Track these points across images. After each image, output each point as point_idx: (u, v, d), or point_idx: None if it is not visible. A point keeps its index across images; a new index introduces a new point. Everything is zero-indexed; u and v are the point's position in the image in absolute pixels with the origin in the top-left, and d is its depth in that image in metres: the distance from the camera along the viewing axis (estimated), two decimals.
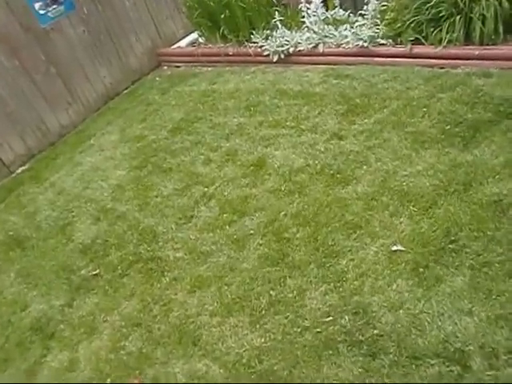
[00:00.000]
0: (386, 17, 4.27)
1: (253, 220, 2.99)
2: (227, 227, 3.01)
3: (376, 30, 4.26)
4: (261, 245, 2.79)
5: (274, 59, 4.78)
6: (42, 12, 4.85)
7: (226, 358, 2.28)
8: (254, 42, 4.97)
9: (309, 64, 4.63)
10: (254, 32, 4.99)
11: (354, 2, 4.80)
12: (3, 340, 2.82)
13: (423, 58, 4.00)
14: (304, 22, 4.69)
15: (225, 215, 3.11)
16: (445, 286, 2.21)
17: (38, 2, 4.80)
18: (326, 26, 4.57)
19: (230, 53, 5.20)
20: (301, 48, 4.64)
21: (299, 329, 2.27)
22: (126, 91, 5.68)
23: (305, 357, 2.15)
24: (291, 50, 4.68)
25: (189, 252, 2.94)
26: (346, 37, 4.37)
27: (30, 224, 3.78)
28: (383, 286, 2.31)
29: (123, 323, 2.64)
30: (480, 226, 2.42)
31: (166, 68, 5.95)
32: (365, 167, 3.09)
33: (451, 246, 2.37)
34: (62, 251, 3.36)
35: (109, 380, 2.39)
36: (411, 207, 2.67)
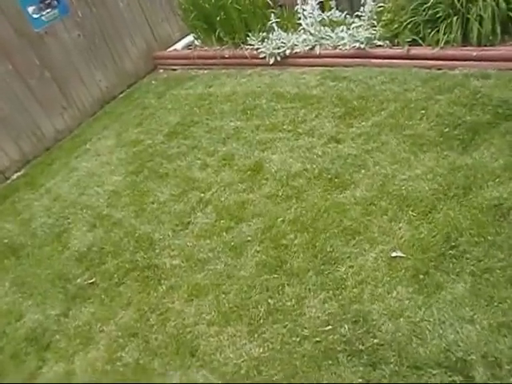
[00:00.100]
0: (383, 18, 4.24)
1: (250, 226, 2.95)
2: (224, 234, 2.97)
3: (373, 32, 4.23)
4: (258, 252, 2.75)
5: (271, 62, 4.75)
6: (35, 16, 4.80)
7: (224, 369, 2.24)
8: (250, 45, 4.94)
9: (305, 66, 4.60)
10: (250, 34, 4.95)
11: (351, 3, 4.77)
12: None
13: (420, 59, 3.96)
14: (300, 24, 4.65)
15: (222, 221, 3.07)
16: (445, 293, 2.17)
17: (32, 6, 4.75)
18: (322, 28, 4.54)
19: (226, 55, 5.17)
20: (297, 50, 4.60)
21: (298, 338, 2.23)
22: (121, 95, 5.64)
23: (304, 367, 2.11)
24: (287, 52, 4.65)
25: (186, 259, 2.91)
26: (342, 38, 4.33)
27: (26, 231, 3.74)
28: (383, 294, 2.27)
29: (120, 333, 2.60)
30: (480, 230, 2.38)
31: (162, 71, 5.91)
32: (363, 171, 3.05)
33: (451, 252, 2.33)
34: (58, 259, 3.31)
35: None
36: (410, 212, 2.63)
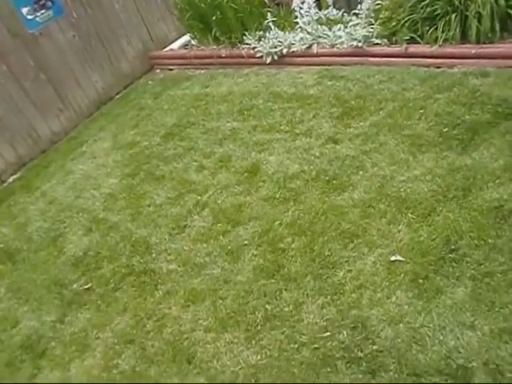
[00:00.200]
0: (381, 16, 4.18)
1: (247, 230, 2.91)
2: (221, 237, 2.93)
3: (370, 30, 4.18)
4: (255, 256, 2.71)
5: (268, 61, 4.70)
6: (29, 17, 4.75)
7: (221, 377, 2.20)
8: (247, 44, 4.89)
9: (303, 65, 4.55)
10: (246, 33, 4.90)
11: (348, 1, 4.71)
12: None
13: (419, 57, 3.92)
14: (297, 23, 4.60)
15: (218, 225, 3.03)
16: (445, 298, 2.14)
17: (26, 7, 4.71)
18: (319, 26, 4.48)
19: (223, 55, 5.12)
20: (294, 49, 4.55)
21: (296, 345, 2.19)
22: (118, 96, 5.59)
23: (302, 375, 2.08)
24: (284, 51, 4.59)
25: (182, 264, 2.87)
26: (339, 37, 4.28)
27: (21, 236, 3.70)
28: (382, 299, 2.23)
29: (116, 340, 2.56)
30: (480, 233, 2.34)
31: (158, 71, 5.86)
32: (361, 172, 3.01)
33: (451, 256, 2.29)
34: (54, 264, 3.28)
35: None
36: (409, 214, 2.59)
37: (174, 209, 3.34)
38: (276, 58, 4.67)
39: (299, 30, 4.60)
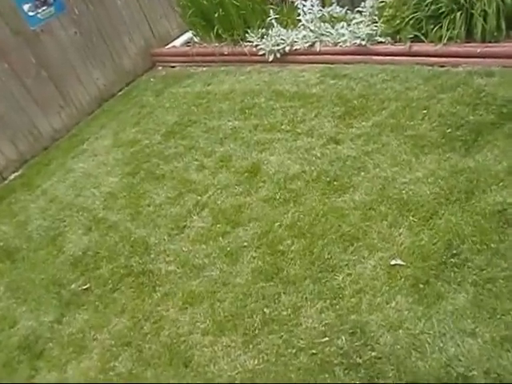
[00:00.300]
0: (385, 13, 4.12)
1: (246, 231, 2.88)
2: (220, 239, 2.90)
3: (374, 28, 4.12)
4: (254, 258, 2.68)
5: (270, 59, 4.65)
6: (31, 14, 4.72)
7: (218, 381, 2.18)
8: (250, 41, 4.84)
9: (305, 63, 4.50)
10: (248, 31, 4.85)
11: None
12: None
13: (423, 56, 3.86)
14: (300, 20, 4.55)
15: (218, 226, 3.00)
16: (446, 304, 2.10)
17: (27, 3, 4.67)
18: (322, 24, 4.43)
19: (225, 52, 5.07)
20: (297, 47, 4.50)
21: (294, 350, 2.17)
22: (120, 93, 5.55)
23: (299, 380, 2.05)
24: (287, 48, 4.54)
25: (181, 265, 2.84)
26: (343, 35, 4.23)
27: (21, 234, 3.69)
28: (382, 304, 2.20)
29: (113, 342, 2.55)
30: (483, 238, 2.30)
31: (160, 68, 5.82)
32: (362, 174, 2.97)
33: (453, 260, 2.25)
34: (53, 263, 3.26)
35: None
36: (411, 217, 2.55)
37: (174, 209, 3.31)
38: (278, 55, 4.62)
39: (302, 27, 4.54)
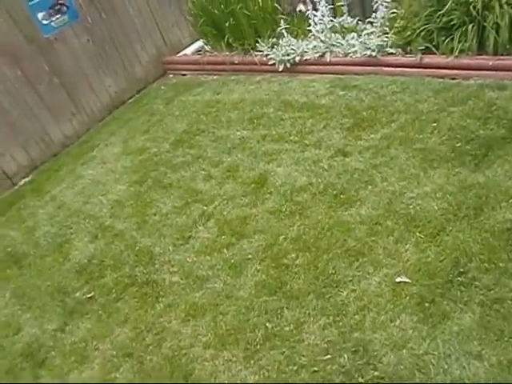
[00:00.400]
0: (396, 25, 4.10)
1: (251, 243, 2.86)
2: (225, 250, 2.89)
3: (385, 39, 4.10)
4: (258, 271, 2.66)
5: (280, 68, 4.65)
6: (45, 22, 4.78)
7: None
8: (260, 51, 4.85)
9: (315, 73, 4.49)
10: (259, 40, 4.86)
11: (363, 9, 4.64)
12: None
13: (434, 68, 3.82)
14: (310, 31, 4.54)
15: (223, 237, 2.99)
16: (452, 324, 2.05)
17: (41, 12, 4.73)
18: (333, 35, 4.42)
19: (236, 61, 5.09)
20: (307, 57, 4.49)
21: (295, 366, 2.13)
22: (130, 100, 5.60)
23: None
24: (297, 58, 4.54)
25: (185, 276, 2.83)
26: (353, 46, 4.21)
27: (29, 240, 3.72)
28: (386, 322, 2.16)
29: (115, 352, 2.54)
30: (491, 256, 2.25)
31: (171, 76, 5.85)
32: (370, 187, 2.93)
33: (460, 279, 2.20)
34: (58, 271, 3.27)
35: None
36: (417, 233, 2.51)
37: (180, 218, 3.30)
38: (289, 65, 4.62)
39: (312, 37, 4.54)
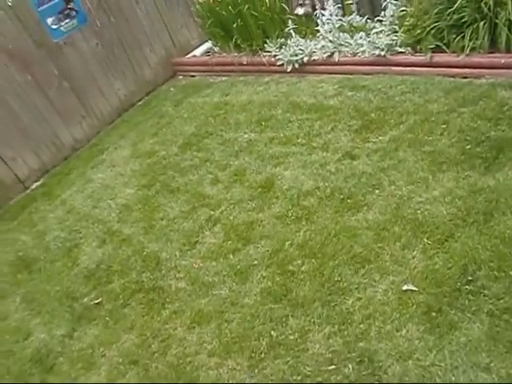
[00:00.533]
0: (405, 23, 4.02)
1: (257, 249, 2.84)
2: (231, 256, 2.87)
3: (394, 38, 4.03)
4: (264, 277, 2.64)
5: (288, 69, 4.61)
6: (54, 27, 4.81)
7: None
8: (268, 51, 4.81)
9: (324, 73, 4.44)
10: (267, 41, 4.82)
11: (372, 8, 4.55)
12: (4, 371, 2.77)
13: (444, 67, 3.75)
14: (318, 30, 4.49)
15: (229, 242, 2.98)
16: (459, 335, 2.01)
17: (51, 17, 4.76)
18: (341, 34, 4.36)
19: (244, 62, 5.06)
20: (315, 57, 4.45)
21: (299, 376, 2.11)
22: (140, 102, 5.61)
23: None
24: (305, 59, 4.49)
25: (191, 282, 2.83)
26: (361, 45, 4.15)
27: (39, 244, 3.76)
28: (391, 332, 2.12)
29: (121, 360, 2.55)
30: (501, 264, 2.19)
31: (181, 77, 5.86)
32: (377, 191, 2.89)
33: (468, 287, 2.15)
34: (67, 276, 3.30)
35: None
36: (425, 239, 2.46)
37: (187, 223, 3.30)
38: (297, 66, 4.58)
39: (321, 37, 4.49)
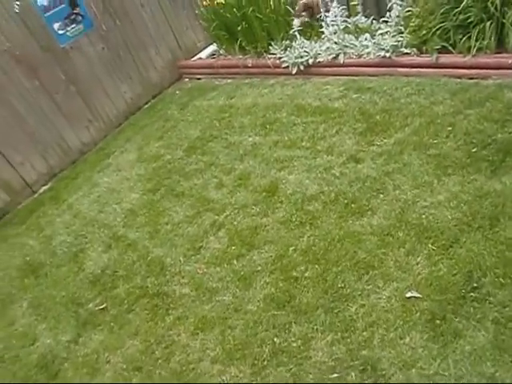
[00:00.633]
0: (411, 23, 3.98)
1: (261, 254, 2.83)
2: (235, 261, 2.87)
3: (399, 39, 3.99)
4: (267, 284, 2.63)
5: (293, 71, 4.59)
6: (60, 32, 4.84)
7: None
8: (273, 54, 4.80)
9: (329, 75, 4.42)
10: (272, 43, 4.81)
11: (378, 8, 4.52)
12: (10, 376, 2.79)
13: (450, 68, 3.70)
14: (323, 32, 4.46)
15: (233, 247, 2.97)
16: (464, 343, 1.98)
17: (57, 22, 4.79)
18: (346, 36, 4.33)
19: (249, 64, 5.05)
20: (320, 59, 4.42)
21: None
22: (146, 106, 5.63)
23: None
24: (310, 61, 4.47)
25: (195, 288, 2.82)
26: (366, 47, 4.11)
27: (46, 249, 3.78)
28: (395, 340, 2.10)
29: (125, 366, 2.55)
30: (507, 270, 2.16)
31: (187, 80, 5.87)
32: (381, 196, 2.86)
33: (473, 295, 2.12)
34: (73, 281, 3.32)
35: None
36: (430, 245, 2.43)
37: (191, 228, 3.30)
38: (302, 68, 4.56)
39: (326, 39, 4.46)
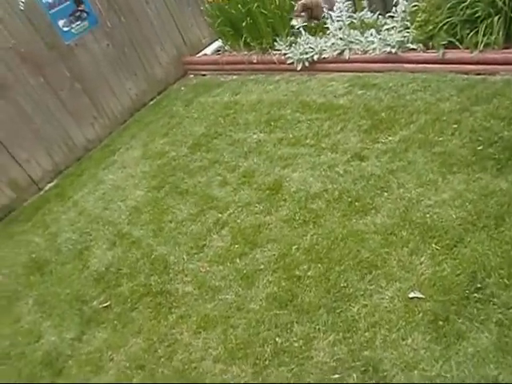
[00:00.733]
0: (417, 18, 3.92)
1: (264, 253, 2.82)
2: (238, 260, 2.86)
3: (405, 34, 3.94)
4: (270, 282, 2.62)
5: (298, 67, 4.56)
6: (65, 29, 4.85)
7: None
8: (278, 50, 4.77)
9: (334, 71, 4.38)
10: (277, 39, 4.78)
11: (384, 3, 4.46)
12: (16, 373, 2.82)
13: (457, 63, 3.65)
14: (328, 28, 4.42)
15: (236, 246, 2.96)
16: (467, 345, 1.96)
17: (62, 19, 4.80)
18: (351, 31, 4.28)
19: (254, 60, 5.03)
20: (326, 55, 4.38)
21: None
22: (151, 102, 5.64)
23: None
24: (315, 57, 4.43)
25: (198, 286, 2.83)
26: (372, 43, 4.07)
27: (51, 246, 3.81)
28: (397, 340, 2.08)
29: (128, 364, 2.56)
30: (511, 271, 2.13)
31: (192, 76, 5.86)
32: (385, 194, 2.83)
33: (477, 296, 2.10)
34: (78, 278, 3.34)
35: None
36: (433, 245, 2.40)
37: (195, 226, 3.30)
38: (307, 64, 4.52)
39: (331, 35, 4.42)
